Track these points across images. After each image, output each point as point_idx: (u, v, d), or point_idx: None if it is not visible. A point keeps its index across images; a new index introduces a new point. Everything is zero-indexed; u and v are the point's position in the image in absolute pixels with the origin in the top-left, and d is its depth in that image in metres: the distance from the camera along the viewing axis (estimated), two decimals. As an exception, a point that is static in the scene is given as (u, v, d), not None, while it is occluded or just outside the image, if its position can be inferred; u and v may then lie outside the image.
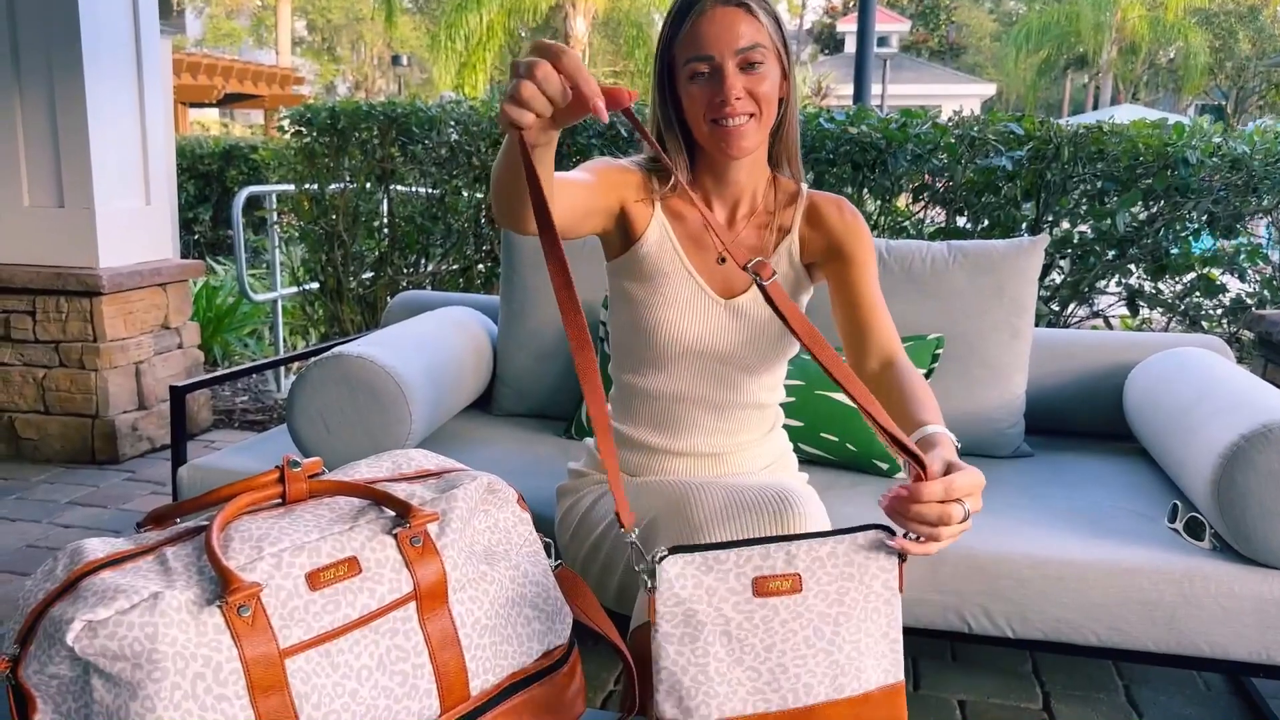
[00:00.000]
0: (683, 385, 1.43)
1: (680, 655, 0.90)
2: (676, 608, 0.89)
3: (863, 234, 1.41)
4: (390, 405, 1.78)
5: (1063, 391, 2.29)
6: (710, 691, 0.90)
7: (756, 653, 0.91)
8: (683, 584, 0.89)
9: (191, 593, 0.85)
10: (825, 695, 0.92)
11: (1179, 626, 1.57)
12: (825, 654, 0.92)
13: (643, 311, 1.40)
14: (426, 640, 0.94)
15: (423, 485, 1.04)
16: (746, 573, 0.90)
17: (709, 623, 0.90)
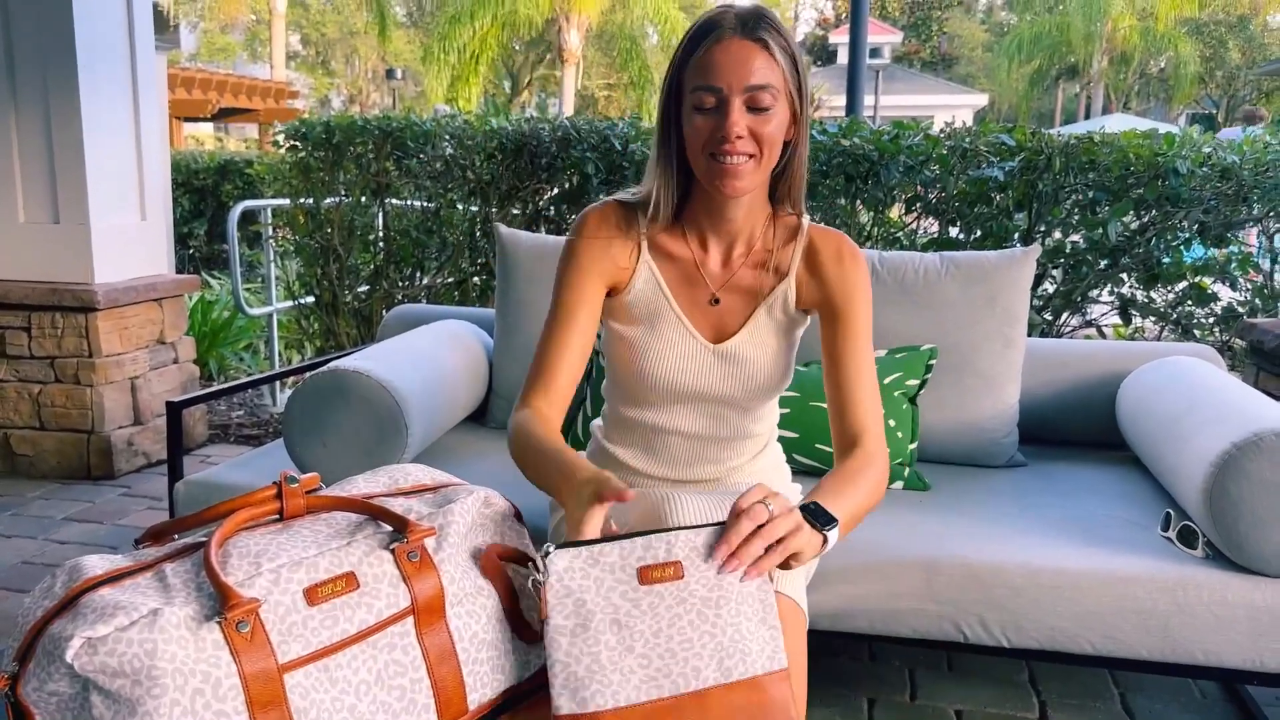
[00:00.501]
0: (672, 421, 1.43)
1: (573, 646, 0.94)
2: (566, 599, 0.95)
3: (858, 290, 1.36)
4: (387, 420, 1.79)
5: (1056, 401, 2.30)
6: (604, 680, 0.94)
7: (646, 639, 0.95)
8: (571, 575, 0.94)
9: (191, 609, 0.85)
10: (714, 679, 0.96)
11: (1173, 635, 1.58)
12: (710, 636, 0.97)
13: (631, 353, 1.39)
14: (424, 654, 0.95)
15: (420, 500, 1.05)
16: (631, 563, 0.96)
17: (598, 611, 0.96)
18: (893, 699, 2.08)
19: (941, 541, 1.69)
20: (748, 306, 1.38)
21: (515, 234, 2.38)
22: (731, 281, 1.38)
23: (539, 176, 3.67)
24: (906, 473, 2.01)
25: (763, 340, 1.38)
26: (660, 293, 1.37)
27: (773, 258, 1.38)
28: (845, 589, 1.67)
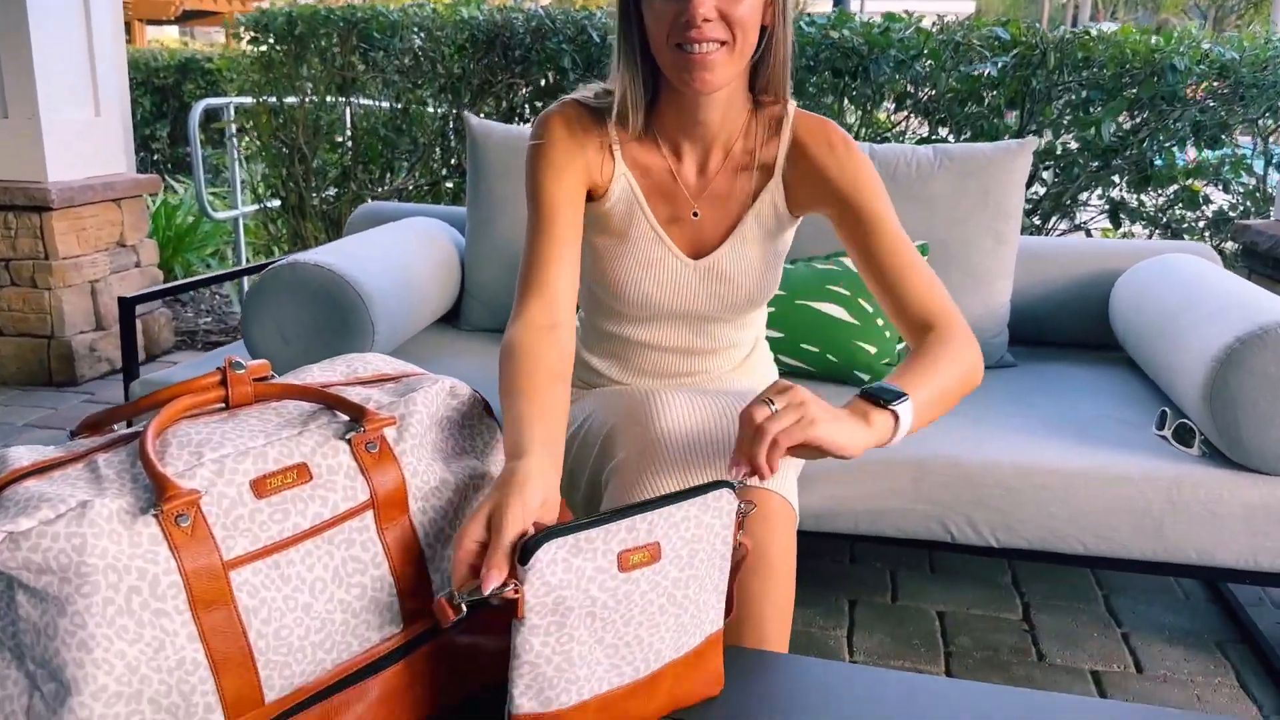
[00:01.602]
0: (651, 336, 1.34)
1: (545, 646, 0.83)
2: (547, 597, 0.82)
3: (862, 174, 1.19)
4: (350, 316, 1.70)
5: (1047, 301, 2.24)
6: (571, 677, 0.85)
7: (616, 629, 0.87)
8: (554, 570, 0.82)
9: (124, 501, 0.78)
10: (668, 657, 0.89)
11: (1167, 534, 1.54)
12: (674, 618, 0.89)
13: (607, 268, 1.28)
14: (386, 551, 0.87)
15: (380, 390, 0.96)
16: (612, 549, 0.85)
17: (576, 607, 0.84)
18: (874, 600, 2.06)
19: (930, 441, 1.64)
20: (731, 216, 1.26)
21: (487, 125, 2.26)
22: (710, 191, 1.25)
23: (512, 71, 3.51)
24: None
25: (747, 252, 1.26)
26: (637, 206, 1.25)
27: (756, 157, 1.24)
28: (830, 489, 1.62)
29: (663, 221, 1.26)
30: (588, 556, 0.83)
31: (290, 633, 0.80)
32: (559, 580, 0.82)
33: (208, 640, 0.76)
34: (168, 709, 0.75)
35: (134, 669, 0.73)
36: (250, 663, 0.78)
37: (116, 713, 0.73)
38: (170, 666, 0.75)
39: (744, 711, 0.89)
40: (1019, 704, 0.91)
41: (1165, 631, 1.95)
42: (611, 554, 0.84)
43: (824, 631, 1.93)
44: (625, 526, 0.84)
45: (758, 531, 1.12)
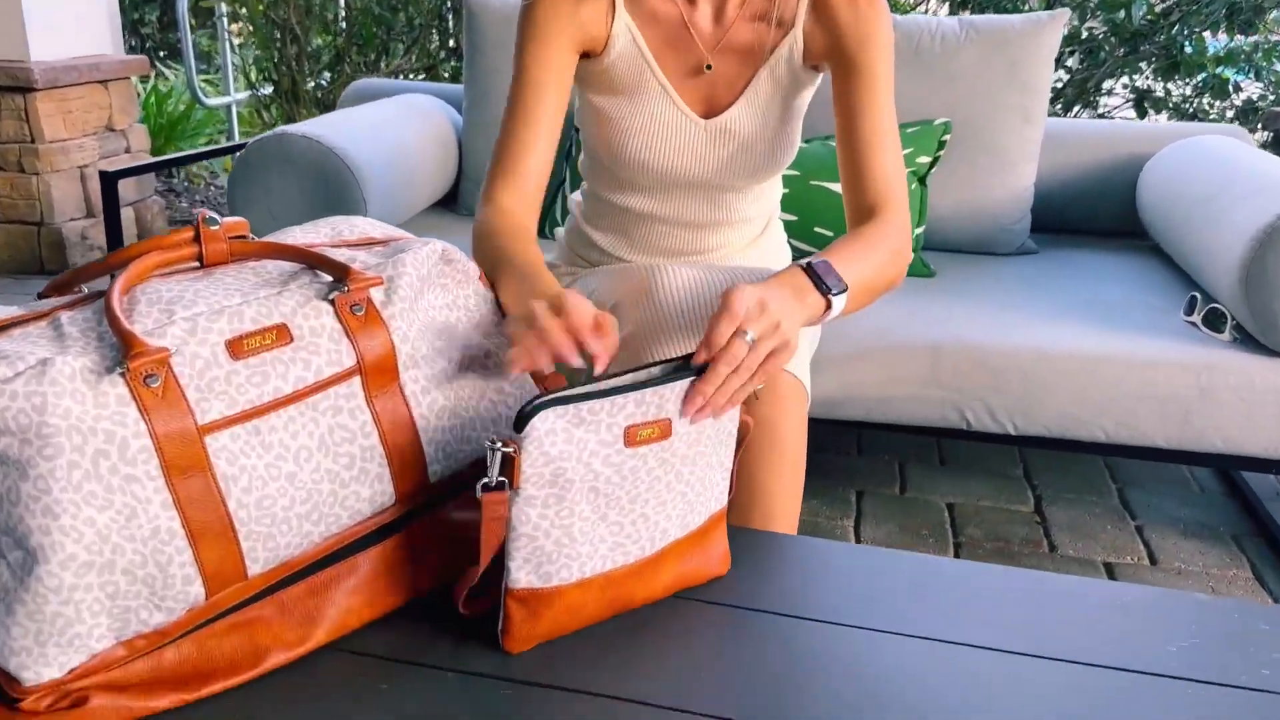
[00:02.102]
0: (658, 208, 1.25)
1: (544, 519, 0.78)
2: (545, 468, 0.76)
3: (876, 33, 1.13)
4: (341, 191, 1.62)
5: (1072, 186, 2.14)
6: (573, 554, 0.79)
7: (621, 506, 0.81)
8: (553, 440, 0.76)
9: (88, 359, 0.71)
10: (674, 536, 0.85)
11: (1193, 422, 1.49)
12: (681, 496, 0.84)
13: (610, 130, 1.19)
14: (375, 420, 0.82)
15: (366, 251, 0.90)
16: (619, 422, 0.78)
17: (577, 480, 0.78)
18: (881, 492, 2.02)
19: (948, 325, 1.57)
20: (746, 70, 1.17)
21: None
22: (726, 41, 1.16)
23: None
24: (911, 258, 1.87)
25: (763, 110, 1.18)
26: (642, 59, 1.16)
27: (775, 6, 1.15)
28: (842, 375, 1.56)
29: (672, 76, 1.16)
30: (591, 428, 0.78)
31: (273, 503, 0.75)
32: (559, 451, 0.77)
33: (184, 509, 0.71)
34: (143, 580, 0.70)
35: (105, 537, 0.68)
36: (231, 534, 0.73)
37: (88, 583, 0.68)
38: (144, 536, 0.70)
39: (752, 592, 0.85)
40: (1032, 586, 0.87)
41: (1180, 525, 1.92)
42: (618, 427, 0.79)
43: (831, 522, 1.90)
44: (634, 399, 0.78)
45: (768, 410, 1.06)
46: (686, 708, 0.71)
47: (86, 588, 0.69)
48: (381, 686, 0.73)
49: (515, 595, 0.78)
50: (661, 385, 0.79)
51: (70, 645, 0.70)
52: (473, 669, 0.75)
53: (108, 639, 0.71)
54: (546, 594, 0.79)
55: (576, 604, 0.80)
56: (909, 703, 0.71)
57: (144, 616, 0.72)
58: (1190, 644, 0.80)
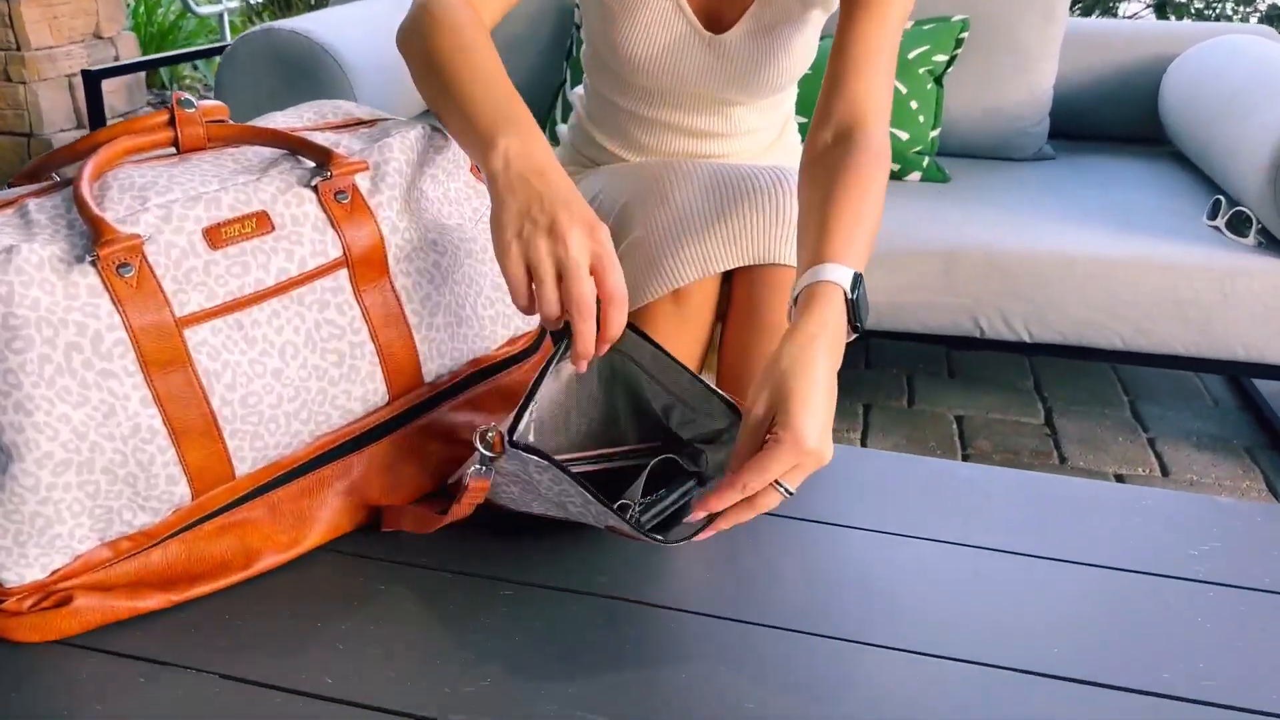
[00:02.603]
0: (662, 114, 1.18)
1: (505, 491, 0.71)
2: (519, 474, 0.68)
3: None
4: (331, 91, 1.56)
5: (1092, 89, 2.06)
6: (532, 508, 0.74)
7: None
8: (539, 473, 0.67)
9: (56, 247, 0.67)
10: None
11: (1214, 328, 1.45)
12: None
13: (613, 31, 1.11)
14: (365, 315, 0.78)
15: (351, 135, 0.85)
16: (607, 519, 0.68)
17: (547, 498, 0.70)
18: (889, 404, 2.00)
19: (963, 230, 1.52)
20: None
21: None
22: None
23: None
24: (926, 162, 1.81)
25: (768, 29, 1.09)
26: None
27: None
28: (853, 282, 1.52)
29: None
30: (579, 495, 0.67)
31: (259, 400, 0.71)
32: (539, 479, 0.68)
33: (164, 405, 0.68)
34: (125, 479, 0.68)
35: (82, 435, 0.65)
36: (215, 431, 0.70)
37: (66, 482, 0.66)
38: (124, 434, 0.67)
39: (763, 493, 0.82)
40: (1046, 490, 0.84)
41: (1193, 437, 1.89)
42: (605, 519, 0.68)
43: (837, 435, 1.88)
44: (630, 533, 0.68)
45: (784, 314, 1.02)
46: (692, 609, 0.68)
47: (65, 487, 0.66)
48: (379, 587, 0.71)
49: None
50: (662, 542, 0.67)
51: (51, 546, 0.67)
52: (470, 570, 0.73)
53: (90, 540, 0.69)
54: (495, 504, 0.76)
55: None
56: (923, 606, 0.69)
57: (127, 517, 0.69)
58: (1211, 547, 0.77)
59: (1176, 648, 0.66)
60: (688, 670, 0.62)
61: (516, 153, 0.74)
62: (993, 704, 0.60)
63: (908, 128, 1.78)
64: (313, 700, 0.60)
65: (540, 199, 0.71)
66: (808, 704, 0.60)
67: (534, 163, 0.73)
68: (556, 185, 0.72)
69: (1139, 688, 0.62)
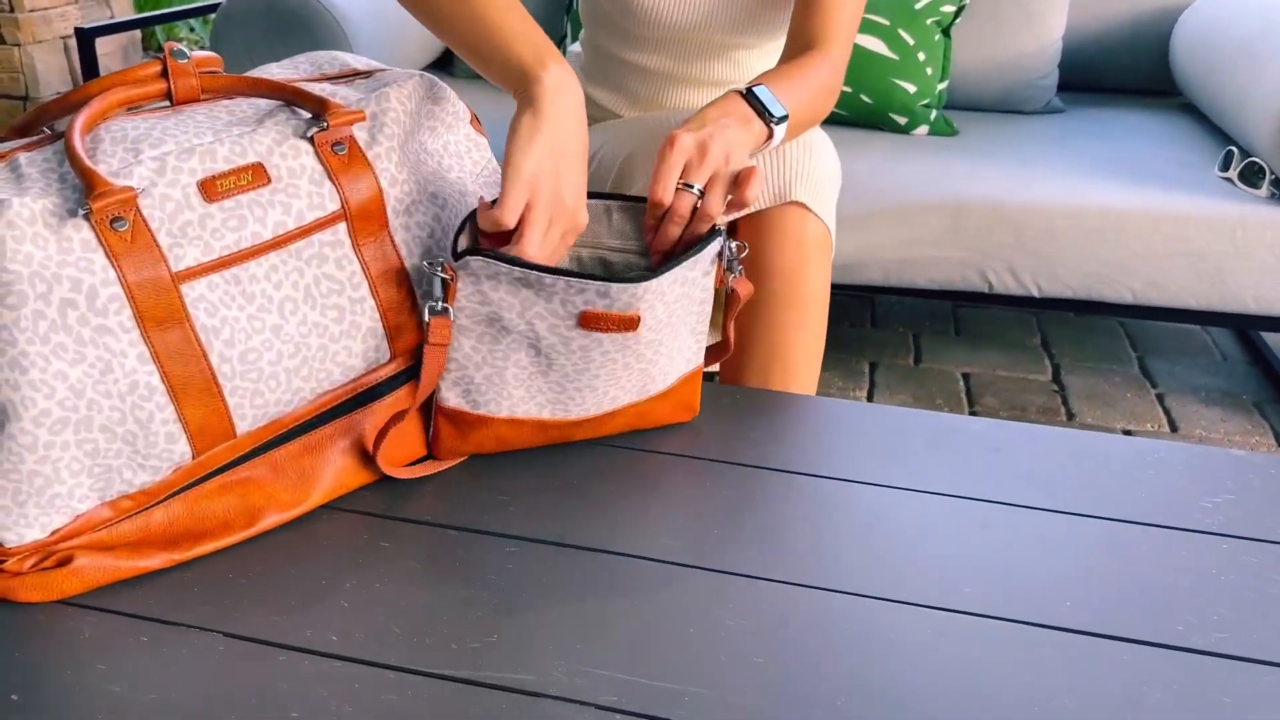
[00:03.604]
0: (665, 65, 1.15)
1: (476, 353, 0.74)
2: (481, 307, 0.71)
3: None
4: (327, 44, 1.53)
5: (1101, 41, 2.03)
6: (504, 394, 0.76)
7: (565, 373, 0.76)
8: (494, 285, 0.71)
9: (48, 201, 0.66)
10: (628, 400, 0.80)
11: (1226, 280, 1.43)
12: (641, 372, 0.79)
13: None
14: (364, 270, 0.77)
15: (348, 86, 0.83)
16: (576, 304, 0.72)
17: (515, 332, 0.73)
18: (896, 362, 1.98)
19: (971, 182, 1.50)
20: None
21: None
22: None
23: None
24: (933, 115, 1.78)
25: None
26: None
27: None
28: (859, 236, 1.50)
29: None
30: (541, 294, 0.71)
31: (259, 356, 0.70)
32: (499, 298, 0.72)
33: (162, 362, 0.67)
34: (124, 438, 0.67)
35: (79, 392, 0.64)
36: (214, 389, 0.69)
37: (64, 440, 0.65)
38: (121, 391, 0.66)
39: (768, 452, 0.81)
40: (1057, 443, 0.83)
41: (1202, 393, 1.88)
42: (574, 308, 0.72)
43: (843, 393, 1.87)
44: (598, 290, 0.71)
45: (791, 259, 1.00)
46: (700, 565, 0.67)
47: (63, 445, 0.65)
48: (383, 544, 0.70)
49: (444, 411, 0.76)
50: (635, 284, 0.71)
51: (51, 505, 0.66)
52: (475, 526, 0.72)
53: (91, 499, 0.68)
54: (474, 418, 0.77)
55: (507, 436, 0.78)
56: (933, 560, 0.68)
57: (127, 476, 0.68)
58: (1225, 499, 0.76)
59: (1190, 600, 0.65)
60: (696, 625, 0.62)
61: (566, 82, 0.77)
62: (1004, 657, 0.59)
63: (915, 80, 1.75)
64: (318, 658, 0.59)
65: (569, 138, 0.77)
66: (817, 658, 0.59)
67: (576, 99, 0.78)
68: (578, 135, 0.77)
69: (1152, 640, 0.61)
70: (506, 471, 0.78)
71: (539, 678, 0.57)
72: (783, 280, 0.99)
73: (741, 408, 0.88)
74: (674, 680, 0.57)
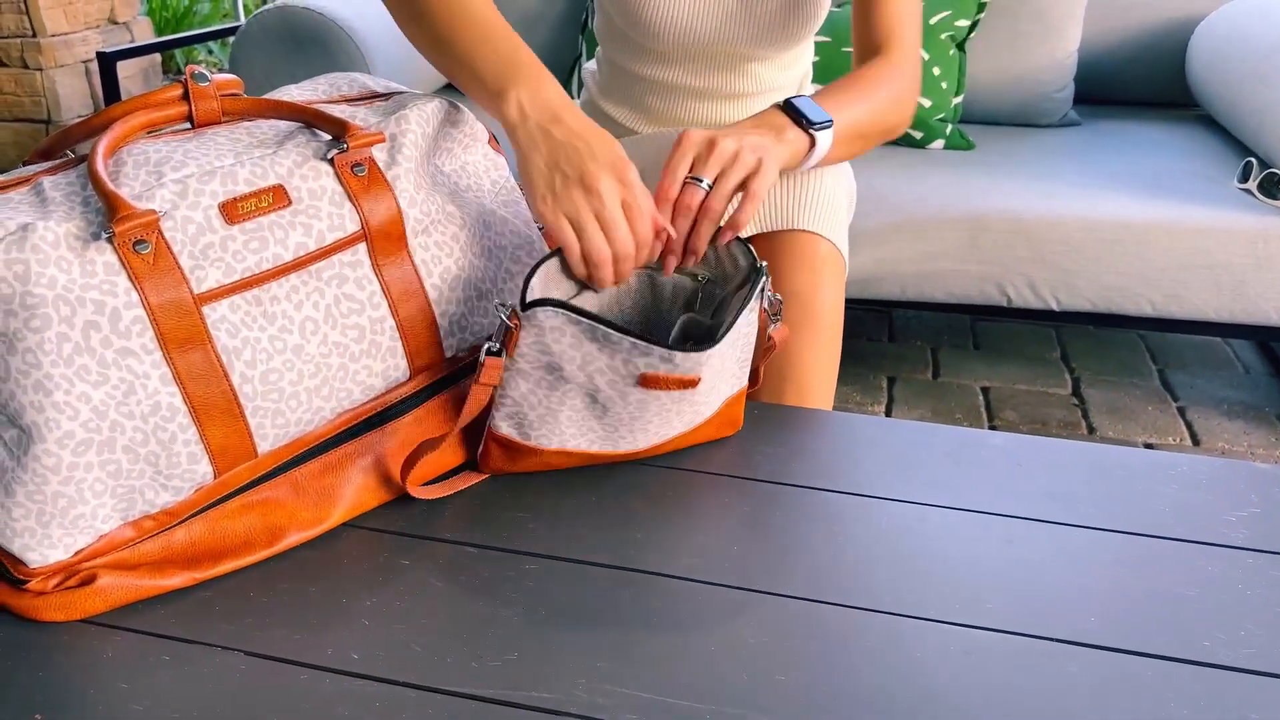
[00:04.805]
0: (680, 77, 1.15)
1: (532, 395, 0.74)
2: (541, 355, 0.72)
3: None
4: (346, 67, 1.55)
5: (1118, 52, 2.02)
6: (556, 430, 0.76)
7: (619, 418, 0.76)
8: (556, 338, 0.71)
9: (72, 224, 0.67)
10: (677, 432, 0.80)
11: (1246, 292, 1.42)
12: (693, 414, 0.79)
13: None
14: (384, 290, 0.77)
15: (367, 108, 0.84)
16: (638, 365, 0.72)
17: (574, 383, 0.73)
18: (914, 377, 1.98)
19: (989, 196, 1.50)
20: None
21: None
22: None
23: None
24: (949, 130, 1.78)
25: None
26: None
27: None
28: (877, 250, 1.49)
29: None
30: (605, 349, 0.72)
31: (280, 377, 0.71)
32: (560, 350, 0.72)
33: (184, 383, 0.67)
34: (146, 458, 0.67)
35: (102, 414, 0.65)
36: (236, 409, 0.69)
37: (88, 461, 0.65)
38: (144, 412, 0.66)
39: (787, 467, 0.81)
40: (1078, 458, 0.82)
41: (1224, 405, 1.86)
42: (635, 368, 0.72)
43: (861, 408, 1.86)
44: (661, 356, 0.71)
45: (804, 281, 1.00)
46: (720, 581, 0.67)
47: (87, 466, 0.65)
48: (403, 562, 0.70)
49: (496, 437, 0.77)
50: (700, 351, 0.72)
51: (75, 526, 0.67)
52: (495, 544, 0.72)
53: (114, 519, 0.68)
54: (525, 448, 0.77)
55: (555, 462, 0.78)
56: (956, 576, 0.68)
57: (150, 496, 0.69)
58: (1251, 513, 0.76)
59: (1216, 616, 0.64)
60: (717, 643, 0.61)
61: (529, 101, 0.78)
62: (1029, 674, 0.59)
63: (930, 94, 1.75)
64: (339, 677, 0.59)
65: (564, 150, 0.75)
66: (840, 674, 0.59)
67: (550, 109, 0.76)
68: (576, 130, 0.75)
69: (1178, 656, 0.61)
70: (527, 489, 0.78)
71: (561, 696, 0.57)
72: (795, 301, 1.00)
73: (760, 423, 0.87)
74: (695, 698, 0.57)
